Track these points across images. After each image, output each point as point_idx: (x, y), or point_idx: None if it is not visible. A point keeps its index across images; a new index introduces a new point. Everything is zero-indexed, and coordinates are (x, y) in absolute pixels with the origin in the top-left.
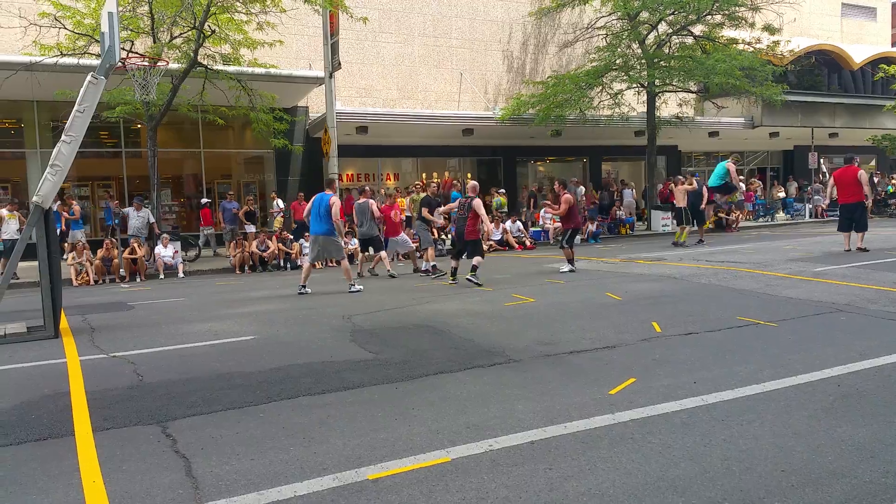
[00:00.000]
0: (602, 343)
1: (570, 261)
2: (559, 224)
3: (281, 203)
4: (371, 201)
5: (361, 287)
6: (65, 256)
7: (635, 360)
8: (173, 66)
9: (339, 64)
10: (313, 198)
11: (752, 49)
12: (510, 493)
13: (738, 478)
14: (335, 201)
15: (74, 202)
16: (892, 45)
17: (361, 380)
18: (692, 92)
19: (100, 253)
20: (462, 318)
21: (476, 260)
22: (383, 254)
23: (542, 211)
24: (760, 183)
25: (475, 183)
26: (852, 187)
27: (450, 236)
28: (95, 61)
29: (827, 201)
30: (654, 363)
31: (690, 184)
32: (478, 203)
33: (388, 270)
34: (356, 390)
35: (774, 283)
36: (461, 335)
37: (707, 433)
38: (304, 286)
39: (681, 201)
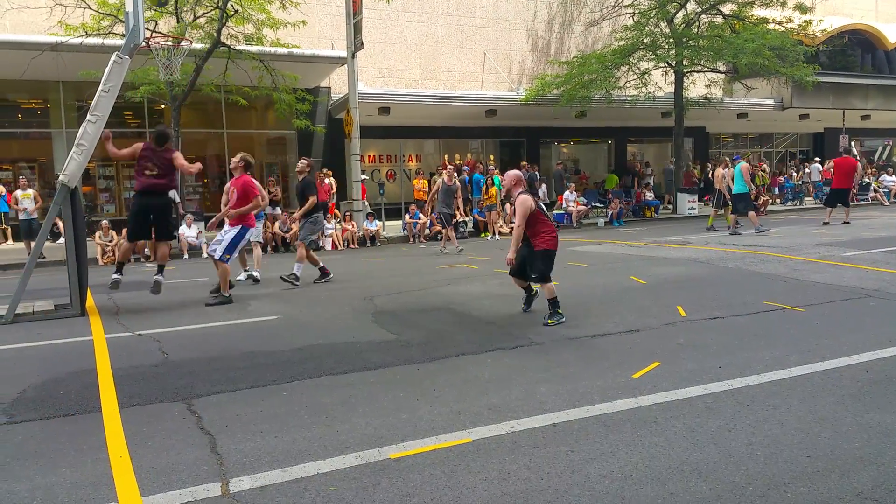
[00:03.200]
0: (626, 327)
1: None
2: (583, 206)
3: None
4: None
5: (241, 278)
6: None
7: (659, 344)
8: (197, 46)
9: (362, 44)
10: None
11: (782, 28)
12: (532, 474)
13: (762, 463)
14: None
15: None
16: None
17: (383, 360)
18: (721, 72)
19: (125, 232)
20: (484, 301)
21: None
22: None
23: (566, 192)
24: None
25: (516, 172)
26: (848, 176)
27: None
28: (120, 41)
29: (821, 179)
30: (678, 347)
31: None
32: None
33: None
34: (378, 371)
35: (802, 267)
36: (483, 317)
37: (732, 418)
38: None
39: (718, 183)
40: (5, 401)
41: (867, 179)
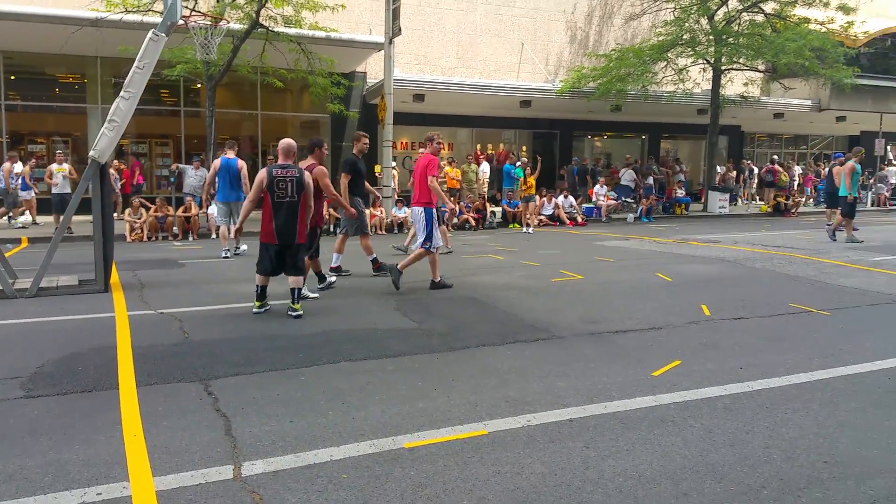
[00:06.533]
0: (648, 324)
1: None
2: (613, 201)
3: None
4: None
5: (228, 256)
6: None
7: (682, 343)
8: (235, 26)
9: (400, 30)
10: (216, 162)
11: (824, 29)
12: (546, 468)
13: (778, 466)
14: (243, 165)
15: None
16: None
17: (403, 348)
18: (759, 71)
19: (153, 210)
20: (508, 292)
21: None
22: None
23: (597, 186)
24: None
25: (288, 141)
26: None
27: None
28: (158, 18)
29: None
30: (700, 346)
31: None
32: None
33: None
34: (397, 358)
35: (830, 270)
36: (506, 309)
37: (750, 420)
38: (228, 250)
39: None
40: (24, 374)
41: None
